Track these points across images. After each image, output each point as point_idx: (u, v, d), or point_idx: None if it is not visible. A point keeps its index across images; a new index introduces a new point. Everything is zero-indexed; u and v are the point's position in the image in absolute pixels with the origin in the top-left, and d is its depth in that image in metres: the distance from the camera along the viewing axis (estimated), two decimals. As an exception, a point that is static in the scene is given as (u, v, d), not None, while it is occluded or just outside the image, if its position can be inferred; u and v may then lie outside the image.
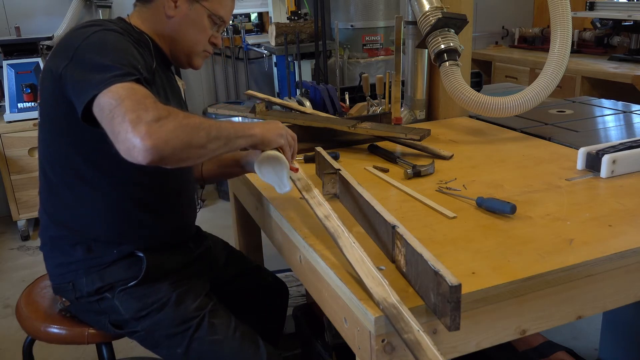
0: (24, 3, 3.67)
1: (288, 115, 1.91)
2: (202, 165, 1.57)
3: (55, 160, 1.28)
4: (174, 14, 1.32)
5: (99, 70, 1.08)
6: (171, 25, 1.33)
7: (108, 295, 1.30)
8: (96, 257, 1.30)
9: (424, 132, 1.71)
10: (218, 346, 1.29)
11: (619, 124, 2.09)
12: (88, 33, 1.16)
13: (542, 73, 1.79)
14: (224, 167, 1.56)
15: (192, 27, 1.34)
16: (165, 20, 1.33)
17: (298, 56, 3.59)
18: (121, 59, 1.11)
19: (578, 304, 1.10)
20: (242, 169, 1.54)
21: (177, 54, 1.38)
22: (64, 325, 1.38)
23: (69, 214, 1.30)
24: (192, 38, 1.35)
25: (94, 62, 1.10)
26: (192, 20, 1.33)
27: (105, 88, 1.04)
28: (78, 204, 1.29)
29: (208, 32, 1.37)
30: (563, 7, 1.74)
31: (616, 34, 4.18)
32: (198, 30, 1.35)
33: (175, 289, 1.31)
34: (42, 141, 1.31)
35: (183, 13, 1.32)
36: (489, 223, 1.24)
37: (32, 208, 3.39)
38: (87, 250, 1.30)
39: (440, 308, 0.88)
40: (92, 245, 1.30)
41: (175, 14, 1.32)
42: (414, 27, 2.04)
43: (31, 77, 3.29)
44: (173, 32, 1.34)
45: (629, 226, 1.19)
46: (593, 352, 2.11)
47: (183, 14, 1.32)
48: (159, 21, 1.34)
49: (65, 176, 1.28)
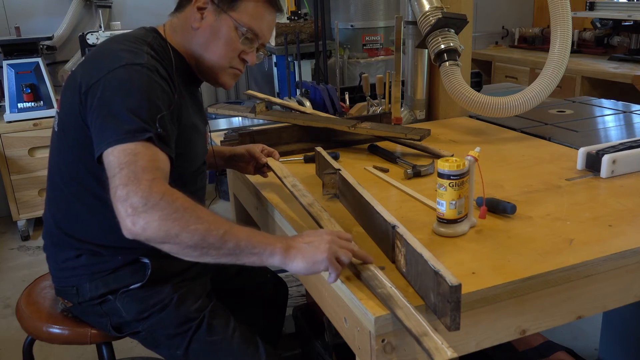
0: (24, 3, 3.66)
1: (288, 115, 1.92)
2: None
3: (65, 170, 1.28)
4: (200, 26, 1.25)
5: (114, 118, 1.07)
6: (197, 38, 1.27)
7: (110, 297, 1.30)
8: (101, 262, 1.29)
9: (424, 132, 1.71)
10: (217, 347, 1.29)
11: (619, 124, 2.09)
12: (117, 63, 1.14)
13: (542, 73, 1.79)
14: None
15: (216, 39, 1.25)
16: (191, 32, 1.27)
17: (298, 56, 3.59)
18: (140, 108, 1.09)
19: (578, 304, 1.10)
20: (226, 163, 1.56)
21: (203, 69, 1.31)
22: (65, 326, 1.38)
23: (75, 221, 1.30)
24: (217, 51, 1.27)
25: (113, 105, 1.09)
26: (217, 32, 1.25)
27: (114, 145, 1.04)
28: (85, 213, 1.28)
29: (237, 47, 1.27)
30: (563, 7, 1.74)
31: (616, 34, 4.18)
32: (223, 43, 1.26)
33: (177, 291, 1.31)
34: (55, 147, 1.30)
35: (208, 24, 1.25)
36: (489, 223, 1.24)
37: (32, 208, 3.39)
38: (92, 255, 1.29)
39: (440, 308, 0.89)
40: (98, 252, 1.29)
41: (200, 25, 1.25)
42: (414, 27, 2.04)
43: (31, 77, 3.28)
44: (198, 45, 1.27)
45: (629, 226, 1.19)
46: (593, 352, 2.11)
47: (208, 25, 1.25)
48: (186, 33, 1.28)
49: (73, 186, 1.27)
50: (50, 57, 3.73)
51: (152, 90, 1.13)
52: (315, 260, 0.98)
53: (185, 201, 1.00)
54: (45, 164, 1.53)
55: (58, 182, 1.30)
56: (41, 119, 3.29)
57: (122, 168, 1.02)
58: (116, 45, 1.21)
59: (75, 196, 1.27)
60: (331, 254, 0.98)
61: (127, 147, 1.04)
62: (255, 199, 1.59)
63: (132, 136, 1.05)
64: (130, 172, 1.01)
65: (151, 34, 1.28)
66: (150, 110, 1.10)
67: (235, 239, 0.99)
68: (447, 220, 1.15)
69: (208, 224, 0.99)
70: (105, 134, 1.07)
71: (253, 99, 2.11)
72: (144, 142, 1.06)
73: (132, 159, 1.03)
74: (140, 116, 1.08)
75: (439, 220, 1.17)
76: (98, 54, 1.23)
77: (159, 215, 0.97)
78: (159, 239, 0.98)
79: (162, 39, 1.28)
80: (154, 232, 0.98)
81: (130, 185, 0.99)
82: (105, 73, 1.13)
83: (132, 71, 1.14)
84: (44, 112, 3.29)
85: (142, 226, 0.97)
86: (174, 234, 0.97)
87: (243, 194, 1.77)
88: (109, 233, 1.27)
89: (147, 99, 1.11)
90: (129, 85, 1.12)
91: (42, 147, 3.31)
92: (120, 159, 1.03)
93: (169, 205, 0.98)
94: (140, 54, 1.18)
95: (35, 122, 3.28)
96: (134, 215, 0.97)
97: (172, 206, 0.98)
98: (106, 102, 1.10)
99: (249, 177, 1.61)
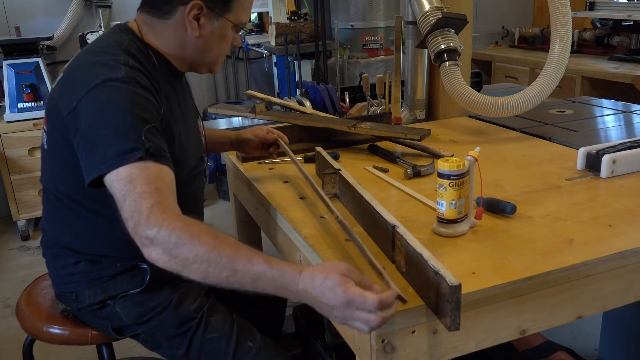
0: (24, 3, 3.66)
1: (288, 115, 1.91)
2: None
3: (58, 186, 1.27)
4: (199, 34, 1.23)
5: (101, 142, 1.05)
6: (196, 44, 1.25)
7: (109, 302, 1.30)
8: (99, 269, 1.29)
9: (424, 132, 1.71)
10: (216, 343, 1.29)
11: (619, 124, 2.09)
12: (93, 81, 1.10)
13: (542, 73, 1.79)
14: (213, 144, 1.60)
15: (218, 41, 1.27)
16: (186, 40, 1.24)
17: (298, 56, 3.58)
18: (124, 127, 1.06)
19: (578, 304, 1.10)
20: (232, 147, 1.61)
21: (198, 66, 1.32)
22: (66, 326, 1.38)
23: (72, 234, 1.29)
24: (218, 51, 1.29)
25: (96, 130, 1.07)
26: (219, 36, 1.26)
27: (106, 171, 1.03)
28: (81, 227, 1.27)
29: (231, 40, 1.31)
30: (563, 7, 1.74)
31: (616, 34, 4.18)
32: (224, 43, 1.28)
33: (175, 292, 1.31)
34: (46, 164, 1.29)
35: (208, 31, 1.23)
36: (489, 223, 1.24)
37: (32, 208, 3.39)
38: (90, 263, 1.29)
39: (440, 308, 0.88)
40: (96, 261, 1.29)
41: (200, 34, 1.23)
42: (414, 27, 2.04)
43: (31, 77, 3.28)
44: (196, 50, 1.26)
45: (629, 226, 1.19)
46: (593, 352, 2.11)
47: (208, 32, 1.23)
48: (179, 40, 1.25)
49: (68, 202, 1.26)
50: (50, 57, 3.73)
51: (134, 105, 1.10)
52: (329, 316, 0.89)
53: (183, 232, 0.97)
54: (45, 164, 1.52)
55: (52, 198, 1.29)
56: (41, 119, 3.27)
57: (125, 199, 1.01)
58: (91, 58, 1.17)
59: (71, 211, 1.26)
60: (342, 322, 0.88)
61: (121, 173, 1.03)
62: (255, 199, 1.59)
63: (123, 159, 1.03)
64: (131, 203, 1.01)
65: (127, 36, 1.23)
66: (135, 128, 1.07)
67: (239, 284, 0.95)
68: (447, 220, 1.15)
69: (207, 264, 0.95)
70: (94, 160, 1.06)
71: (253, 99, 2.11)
72: (137, 163, 1.04)
73: (130, 187, 1.02)
74: (126, 136, 1.05)
75: (439, 220, 1.17)
76: (73, 71, 1.18)
77: (162, 249, 0.98)
78: (172, 270, 0.99)
79: (139, 40, 1.24)
80: (164, 264, 0.99)
81: (134, 218, 1.00)
82: (84, 94, 1.10)
83: (110, 88, 1.10)
84: (44, 112, 3.29)
85: (152, 258, 1.00)
86: (178, 270, 0.98)
87: (243, 194, 1.77)
88: (107, 244, 1.27)
89: (130, 116, 1.08)
90: (109, 106, 1.09)
91: (42, 147, 3.31)
92: (120, 189, 1.02)
93: (166, 240, 0.97)
94: (116, 66, 1.13)
95: (35, 122, 3.28)
96: (145, 247, 0.99)
97: (170, 240, 0.97)
98: (89, 129, 1.08)
99: (250, 176, 1.61)
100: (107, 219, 1.23)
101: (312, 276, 0.88)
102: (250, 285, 0.94)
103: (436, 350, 0.98)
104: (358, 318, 0.84)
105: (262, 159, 1.73)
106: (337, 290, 0.85)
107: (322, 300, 0.87)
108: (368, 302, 0.83)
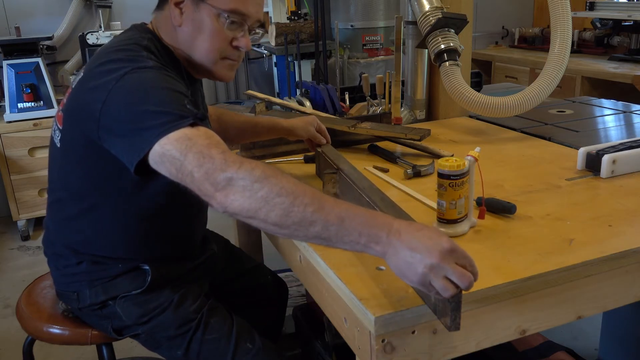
0: (24, 3, 3.66)
1: (288, 116, 1.92)
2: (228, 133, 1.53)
3: (70, 185, 1.26)
4: (181, 22, 1.17)
5: (143, 119, 0.99)
6: (181, 36, 1.19)
7: (110, 303, 1.30)
8: (101, 270, 1.29)
9: (424, 132, 1.71)
10: (215, 344, 1.29)
11: (619, 124, 2.09)
12: (121, 72, 1.06)
13: (542, 73, 1.79)
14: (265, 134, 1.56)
15: (201, 33, 1.17)
16: (175, 31, 1.20)
17: (298, 56, 3.58)
18: (165, 100, 1.01)
19: (578, 304, 1.10)
20: (276, 135, 1.57)
21: (195, 66, 1.23)
22: (66, 326, 1.38)
23: (77, 234, 1.29)
24: (204, 46, 1.18)
25: (136, 111, 1.01)
26: (200, 25, 1.16)
27: (157, 139, 0.97)
28: (86, 227, 1.27)
29: (224, 35, 1.17)
30: (563, 7, 1.74)
31: (616, 34, 4.18)
32: (208, 36, 1.17)
33: (175, 293, 1.31)
34: (56, 163, 1.27)
35: (189, 19, 1.16)
36: (489, 223, 1.24)
37: (32, 208, 3.39)
38: (92, 264, 1.29)
39: (440, 308, 0.88)
40: (98, 261, 1.29)
41: (182, 21, 1.17)
42: (414, 27, 2.04)
43: (31, 77, 3.28)
44: (184, 43, 1.20)
45: (629, 226, 1.19)
46: (593, 352, 2.11)
47: (189, 20, 1.16)
48: (170, 31, 1.21)
49: (75, 199, 1.26)
50: (50, 57, 3.73)
51: (168, 83, 1.07)
52: (406, 278, 0.84)
53: (266, 168, 0.92)
54: (45, 164, 1.52)
55: (59, 196, 1.29)
56: (41, 119, 3.28)
57: (186, 154, 0.94)
58: (114, 55, 1.12)
59: (80, 210, 1.26)
60: (426, 280, 0.82)
61: (176, 135, 0.96)
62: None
63: (174, 125, 0.97)
64: (197, 153, 0.94)
65: (146, 36, 1.20)
66: (179, 99, 1.03)
67: (322, 223, 0.86)
68: (447, 220, 1.15)
69: (293, 197, 0.88)
70: (144, 135, 0.99)
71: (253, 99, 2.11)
72: (189, 128, 0.98)
73: (190, 143, 0.95)
74: (171, 106, 1.01)
75: (439, 220, 1.17)
76: (97, 68, 1.13)
77: (242, 186, 0.90)
78: (244, 214, 0.91)
79: (157, 40, 1.22)
80: (239, 206, 0.90)
81: (205, 164, 0.93)
82: (114, 83, 1.05)
83: (140, 73, 1.07)
84: (44, 112, 3.29)
85: (227, 202, 0.91)
86: (258, 207, 0.89)
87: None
88: (109, 245, 1.28)
89: (168, 90, 1.04)
90: (143, 86, 1.04)
91: (42, 147, 3.31)
92: (178, 148, 0.95)
93: (249, 174, 0.90)
94: (142, 59, 1.11)
95: (35, 122, 3.28)
96: (218, 192, 0.92)
97: (252, 175, 0.90)
98: (127, 112, 1.03)
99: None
100: (110, 218, 1.24)
101: (409, 222, 0.86)
102: (335, 225, 0.86)
103: (436, 350, 0.98)
104: (453, 272, 0.80)
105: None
106: (442, 238, 0.83)
107: (419, 245, 0.82)
108: (470, 256, 0.82)
